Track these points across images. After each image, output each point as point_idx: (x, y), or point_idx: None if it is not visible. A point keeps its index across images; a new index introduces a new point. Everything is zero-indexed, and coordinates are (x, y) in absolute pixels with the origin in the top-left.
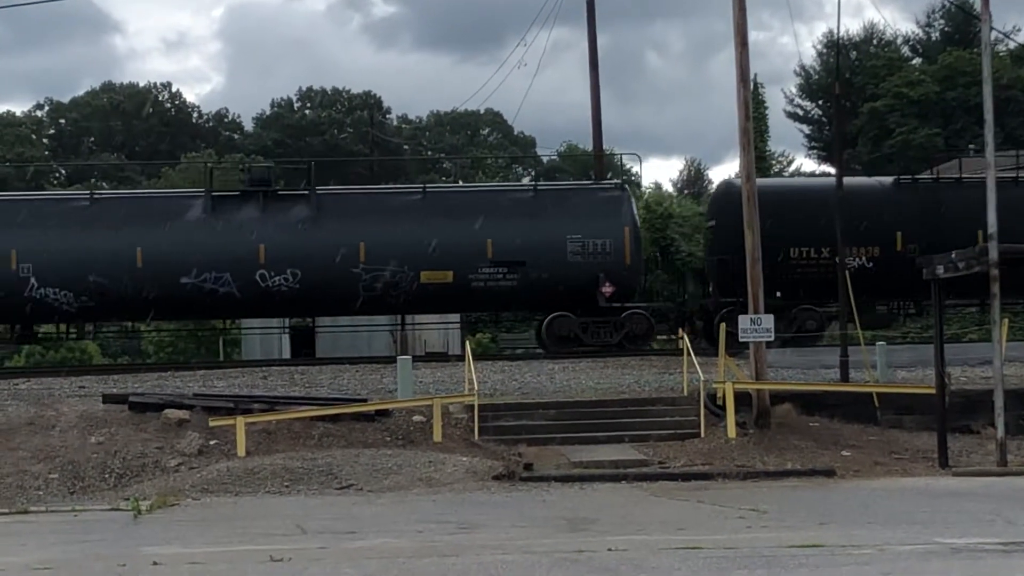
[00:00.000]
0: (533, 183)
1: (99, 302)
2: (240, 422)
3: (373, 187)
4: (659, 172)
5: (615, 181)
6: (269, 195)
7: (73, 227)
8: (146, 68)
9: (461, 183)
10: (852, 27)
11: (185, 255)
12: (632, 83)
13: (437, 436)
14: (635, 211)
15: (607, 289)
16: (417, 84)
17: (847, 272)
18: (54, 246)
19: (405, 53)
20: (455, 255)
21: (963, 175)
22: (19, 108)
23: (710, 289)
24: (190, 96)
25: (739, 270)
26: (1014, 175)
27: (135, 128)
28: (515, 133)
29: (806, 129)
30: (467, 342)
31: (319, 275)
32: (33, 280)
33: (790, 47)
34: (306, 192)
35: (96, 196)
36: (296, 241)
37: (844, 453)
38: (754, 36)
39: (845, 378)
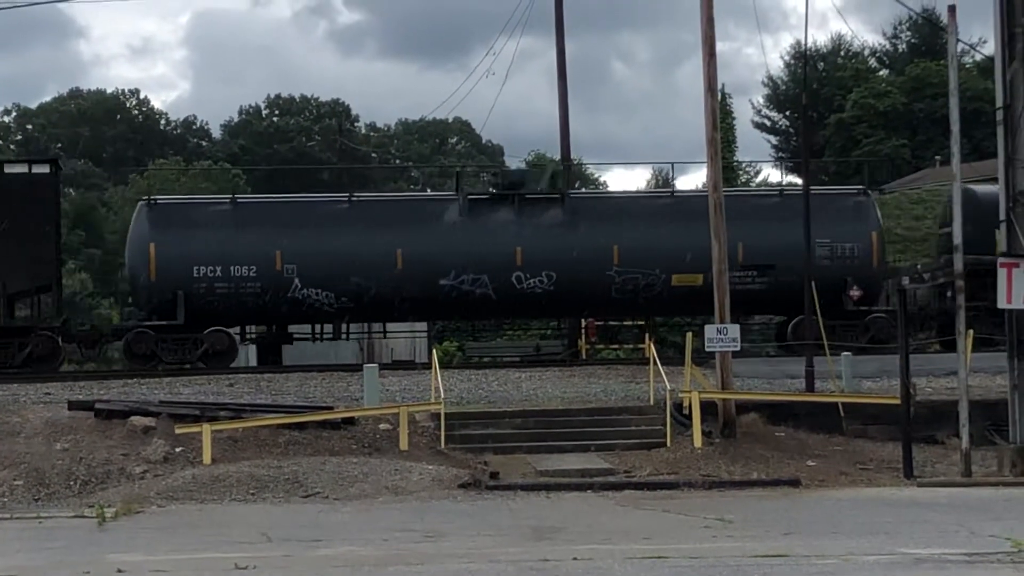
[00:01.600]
0: (780, 187)
1: (358, 303)
2: (206, 430)
3: (624, 191)
4: (624, 182)
5: (859, 186)
6: (523, 198)
7: (335, 228)
8: (111, 74)
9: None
10: (819, 39)
11: (444, 257)
12: (598, 92)
13: (403, 444)
14: (879, 216)
15: (855, 293)
16: (384, 91)
17: None
18: (317, 247)
19: (371, 60)
20: (706, 258)
21: None
22: None
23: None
24: (156, 103)
25: (984, 274)
26: None
27: (103, 134)
28: (483, 142)
29: (773, 140)
30: (434, 350)
31: (574, 277)
32: (297, 280)
33: (755, 58)
34: (558, 195)
35: (354, 198)
36: (552, 244)
37: (809, 463)
38: (720, 47)
39: (811, 388)
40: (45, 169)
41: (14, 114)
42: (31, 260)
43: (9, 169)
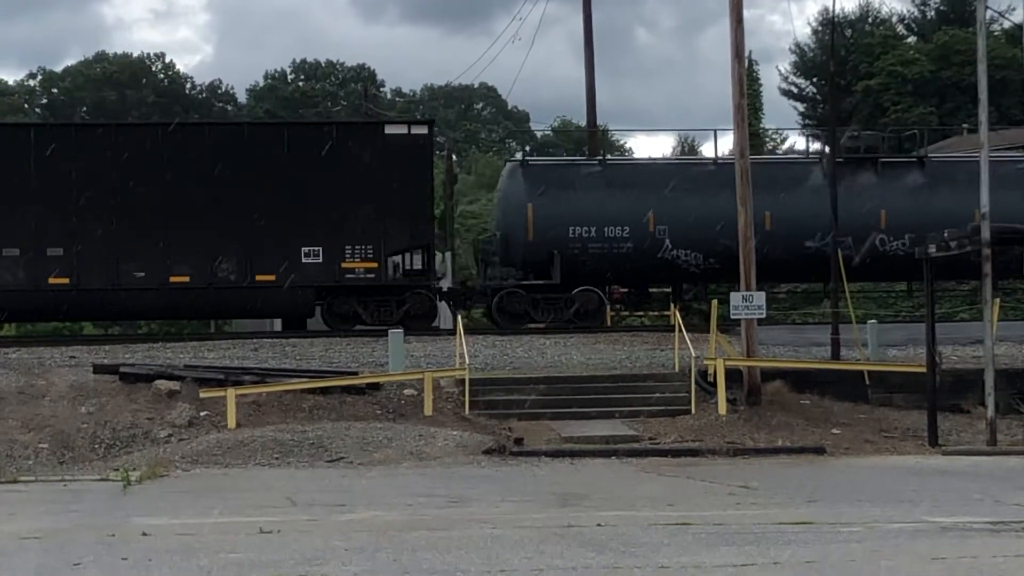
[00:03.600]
0: None
1: (724, 264)
2: (231, 394)
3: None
4: (647, 149)
5: None
6: (883, 162)
7: (703, 190)
8: (134, 38)
9: None
10: (847, 5)
11: (809, 219)
12: (621, 59)
13: (428, 410)
14: None
15: None
16: (407, 56)
17: None
18: (688, 208)
19: (393, 25)
20: None
21: None
22: (8, 77)
23: None
24: (180, 67)
25: None
26: None
27: (128, 98)
28: (509, 107)
29: (800, 107)
30: (459, 317)
31: None
32: (668, 241)
33: (779, 25)
34: (915, 159)
35: (720, 161)
36: (913, 207)
37: (834, 431)
38: (745, 14)
39: (836, 356)
40: (423, 130)
41: (39, 77)
42: (410, 219)
43: (390, 130)
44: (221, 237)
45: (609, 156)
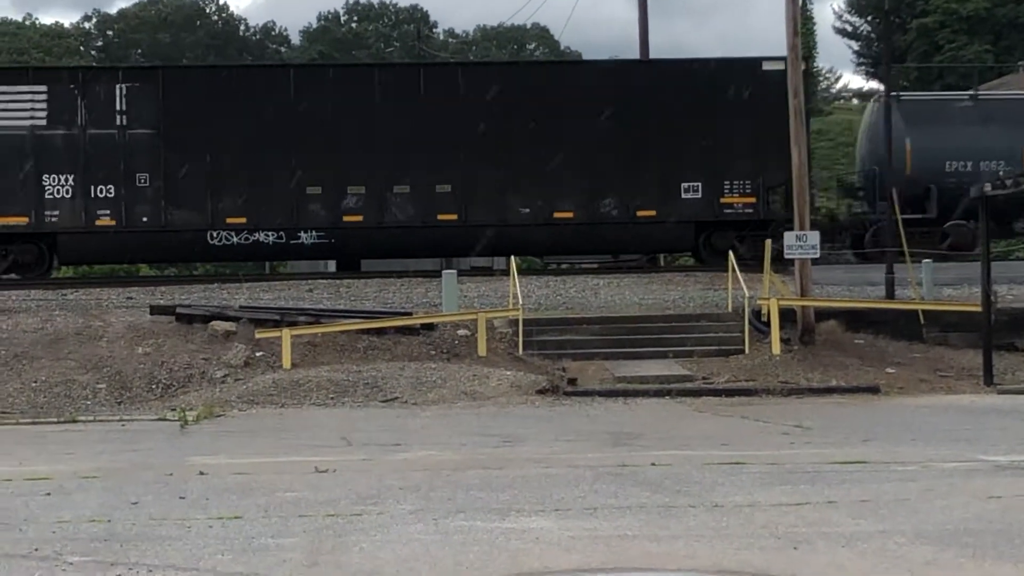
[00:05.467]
0: None
1: None
2: (286, 334)
3: None
4: None
5: None
6: None
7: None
8: None
9: None
10: None
11: None
12: None
13: (481, 350)
14: None
15: None
16: None
17: None
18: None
19: None
20: None
21: None
22: (66, 20)
23: None
24: (233, 8)
25: None
26: None
27: (183, 41)
28: (562, 48)
29: (855, 45)
30: (512, 257)
31: None
32: None
33: None
34: None
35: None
36: None
37: (889, 370)
38: None
39: (891, 295)
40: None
41: (94, 20)
42: (786, 154)
43: (767, 66)
44: (603, 173)
45: (982, 92)
